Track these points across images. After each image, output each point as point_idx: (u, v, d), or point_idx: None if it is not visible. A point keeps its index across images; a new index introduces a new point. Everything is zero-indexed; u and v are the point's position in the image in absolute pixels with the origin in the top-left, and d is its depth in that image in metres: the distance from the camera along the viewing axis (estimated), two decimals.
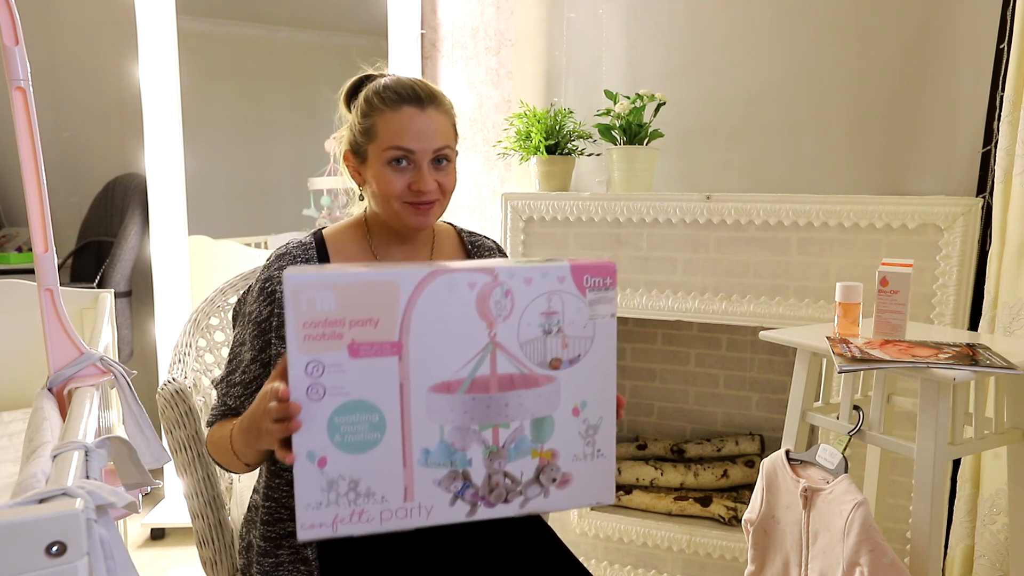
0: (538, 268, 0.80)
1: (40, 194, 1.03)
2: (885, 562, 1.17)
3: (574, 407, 0.83)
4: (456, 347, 0.79)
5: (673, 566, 2.01)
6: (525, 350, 0.81)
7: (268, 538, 1.05)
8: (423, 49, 2.42)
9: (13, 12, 0.97)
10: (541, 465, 0.83)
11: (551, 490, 0.84)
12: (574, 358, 0.82)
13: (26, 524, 0.56)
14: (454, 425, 0.79)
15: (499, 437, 0.81)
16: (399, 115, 1.04)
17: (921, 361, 1.18)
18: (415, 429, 0.79)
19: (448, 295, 0.77)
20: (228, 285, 1.43)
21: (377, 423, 0.78)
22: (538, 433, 0.82)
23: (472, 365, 0.79)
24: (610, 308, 0.83)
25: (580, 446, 0.84)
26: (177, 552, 2.29)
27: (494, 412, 0.80)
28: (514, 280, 0.79)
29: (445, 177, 1.07)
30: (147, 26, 2.33)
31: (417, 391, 0.78)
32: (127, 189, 2.71)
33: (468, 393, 0.79)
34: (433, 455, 0.80)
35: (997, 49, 1.73)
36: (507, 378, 0.80)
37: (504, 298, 0.79)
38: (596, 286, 0.82)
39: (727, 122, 2.04)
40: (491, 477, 0.81)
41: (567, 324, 0.81)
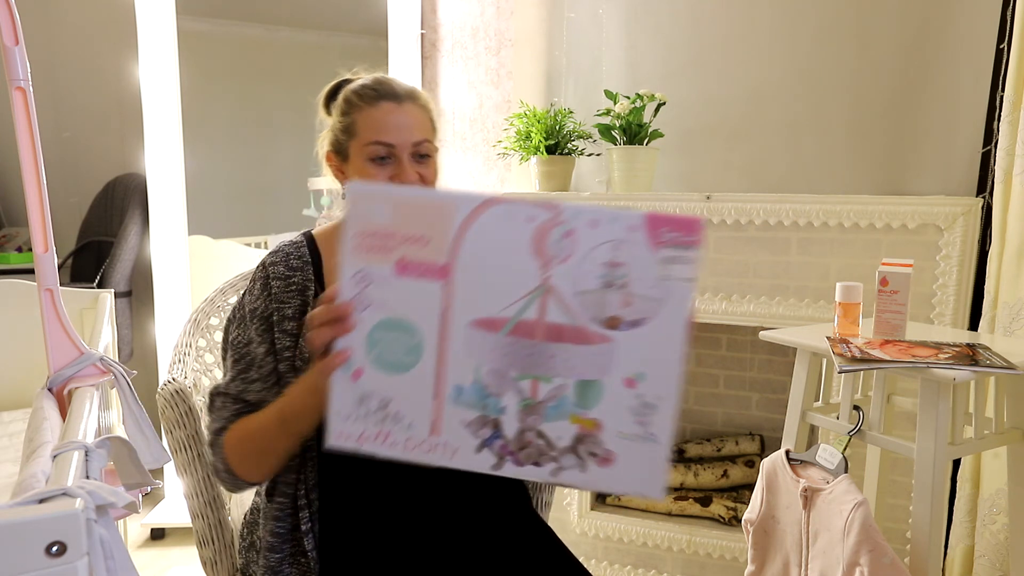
0: (608, 212, 0.72)
1: (40, 194, 1.03)
2: (885, 562, 1.17)
3: (629, 377, 0.74)
4: (504, 283, 0.74)
5: (673, 566, 2.01)
6: (580, 300, 0.73)
7: (277, 534, 1.06)
8: (423, 49, 2.42)
9: (13, 12, 0.97)
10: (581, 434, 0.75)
11: (589, 466, 0.76)
12: (636, 320, 0.73)
13: (26, 524, 0.56)
14: (491, 367, 0.75)
15: (538, 391, 0.75)
16: (377, 110, 1.07)
17: (921, 361, 1.18)
18: (451, 362, 0.76)
19: (504, 225, 0.73)
20: (228, 285, 1.43)
21: (414, 347, 0.77)
22: (582, 397, 0.75)
23: (519, 306, 0.74)
24: (687, 270, 0.72)
25: (630, 423, 0.75)
26: (177, 552, 2.29)
27: (536, 362, 0.75)
28: (578, 220, 0.72)
29: (426, 171, 1.09)
30: (147, 26, 2.33)
31: (458, 322, 0.76)
32: (127, 189, 2.71)
33: (510, 335, 0.74)
34: (466, 394, 0.76)
35: (997, 49, 1.73)
36: (556, 328, 0.74)
37: (564, 239, 0.73)
38: (673, 242, 0.71)
39: (727, 122, 2.04)
40: (523, 433, 0.76)
41: (633, 280, 0.72)
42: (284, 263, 1.09)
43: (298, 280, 1.08)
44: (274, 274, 1.08)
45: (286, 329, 1.05)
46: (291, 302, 1.06)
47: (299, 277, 1.08)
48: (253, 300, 1.09)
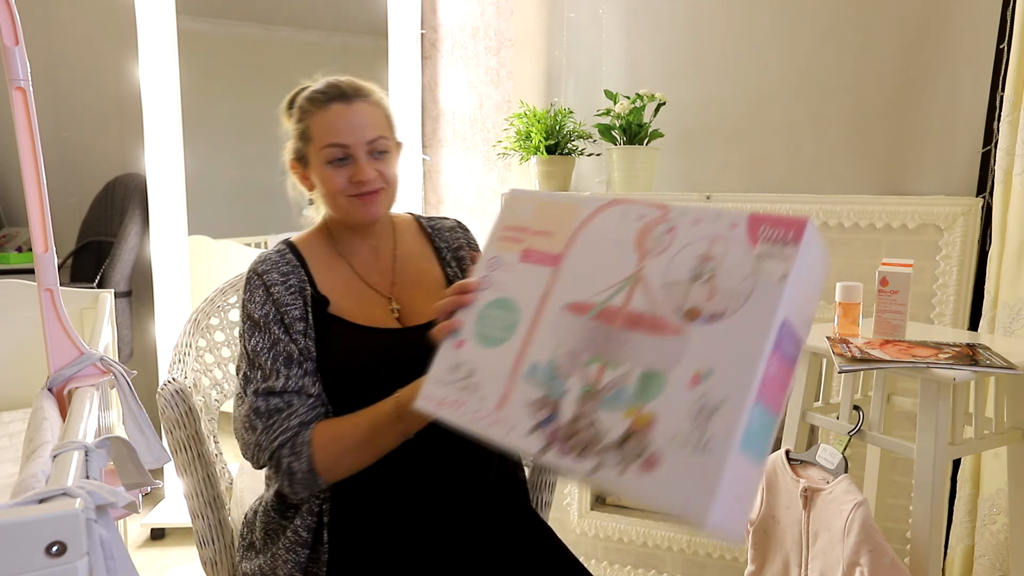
0: (714, 211, 0.73)
1: (40, 194, 1.03)
2: (885, 562, 1.17)
3: (696, 373, 0.67)
4: (604, 272, 0.78)
5: (673, 566, 2.01)
6: (665, 290, 0.72)
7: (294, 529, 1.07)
8: (423, 49, 2.42)
9: (13, 12, 0.97)
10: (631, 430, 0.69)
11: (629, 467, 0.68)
12: (717, 313, 0.68)
13: (26, 524, 0.56)
14: (569, 348, 0.76)
15: (602, 377, 0.72)
16: (328, 113, 1.09)
17: (921, 361, 1.18)
18: (536, 341, 0.80)
19: (617, 223, 0.80)
20: (228, 285, 1.43)
21: (511, 324, 0.82)
22: (644, 389, 0.70)
23: (609, 292, 0.76)
24: (782, 267, 0.66)
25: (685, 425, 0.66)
26: (177, 552, 2.29)
27: (608, 347, 0.73)
28: (683, 218, 0.75)
29: (385, 167, 1.10)
30: (147, 26, 2.33)
31: (554, 305, 0.80)
32: (127, 189, 2.71)
33: (594, 320, 0.76)
34: (538, 372, 0.78)
35: (997, 49, 1.73)
36: (636, 315, 0.73)
37: (667, 234, 0.75)
38: (772, 238, 0.68)
39: (727, 122, 2.04)
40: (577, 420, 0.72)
41: (722, 273, 0.69)
42: (276, 269, 1.10)
43: (294, 283, 1.09)
44: (270, 280, 1.09)
45: (299, 330, 1.07)
46: (295, 303, 1.08)
47: (294, 279, 1.09)
48: (260, 308, 1.08)
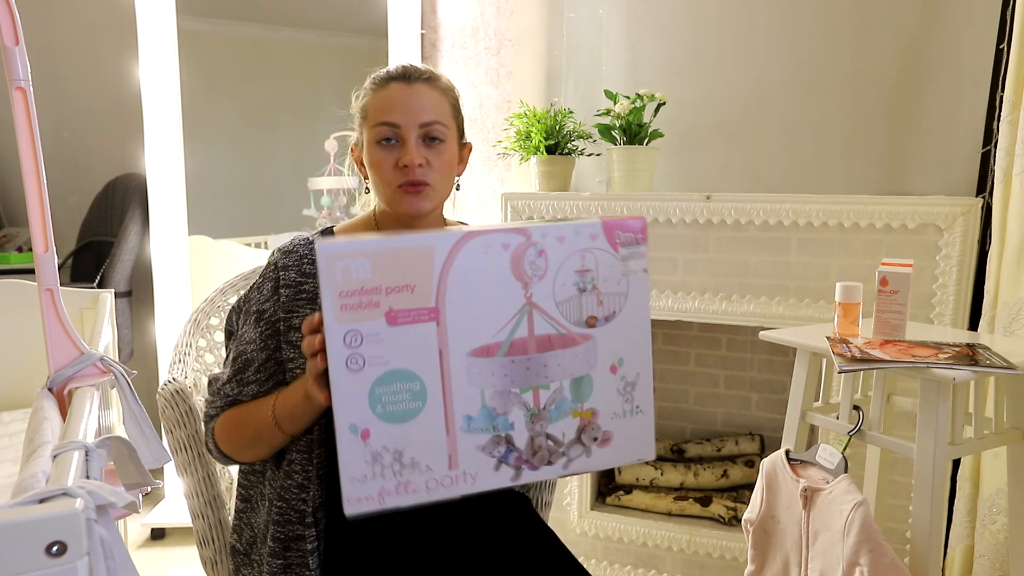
0: (570, 226, 0.79)
1: (40, 194, 1.03)
2: (885, 562, 1.17)
3: (611, 364, 0.82)
4: (493, 310, 0.78)
5: (673, 566, 2.01)
6: (561, 309, 0.80)
7: (277, 539, 1.05)
8: (423, 49, 2.42)
9: (13, 12, 0.97)
10: (582, 425, 0.82)
11: (593, 449, 0.83)
12: (609, 315, 0.81)
13: (26, 524, 0.56)
14: (495, 389, 0.79)
15: (540, 399, 0.80)
16: (386, 91, 1.05)
17: (921, 361, 1.18)
18: (456, 395, 0.78)
19: (483, 257, 0.77)
20: (228, 285, 1.43)
21: (418, 391, 0.77)
22: (578, 392, 0.82)
23: (510, 327, 0.78)
24: (642, 263, 0.82)
25: (619, 403, 0.83)
26: (177, 552, 2.29)
27: (533, 374, 0.80)
28: (547, 239, 0.78)
29: (436, 156, 1.05)
30: (147, 26, 2.33)
31: (456, 356, 0.77)
32: (127, 189, 2.71)
33: (507, 356, 0.78)
34: (476, 421, 0.79)
35: (997, 49, 1.73)
36: (545, 339, 0.80)
37: (538, 258, 0.78)
38: (628, 241, 0.81)
39: (727, 122, 2.04)
40: (534, 440, 0.81)
41: (601, 281, 0.80)
42: (296, 268, 1.06)
43: (309, 288, 1.05)
44: (285, 280, 1.05)
45: (291, 340, 1.03)
46: (300, 312, 1.04)
47: (310, 285, 1.05)
48: (262, 301, 1.07)
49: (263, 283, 1.07)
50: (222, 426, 1.06)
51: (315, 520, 1.04)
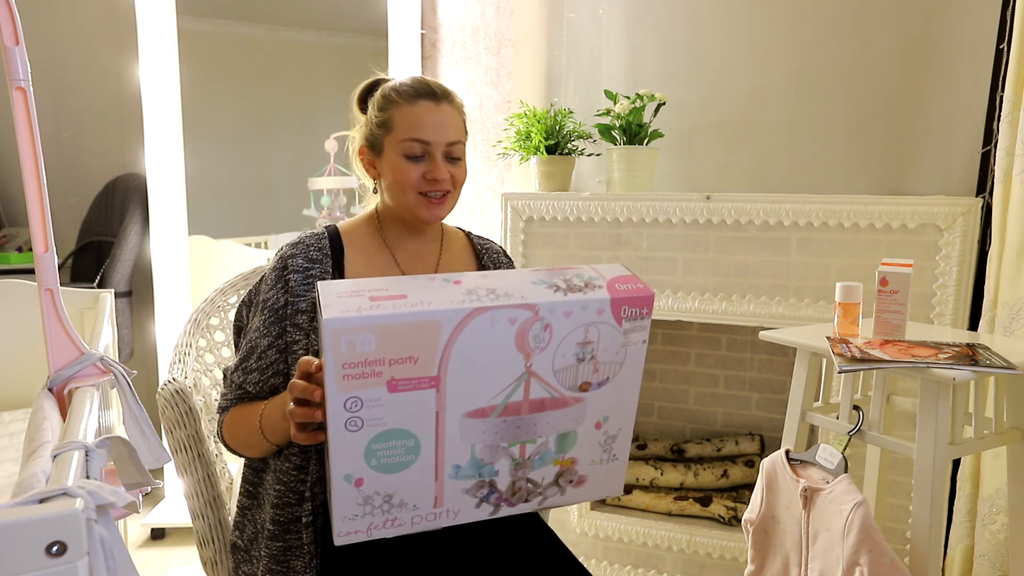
0: (579, 301, 0.79)
1: (40, 194, 1.03)
2: (885, 562, 1.17)
3: (597, 421, 0.85)
4: (493, 377, 0.79)
5: (673, 566, 2.01)
6: (558, 377, 0.81)
7: (277, 521, 1.06)
8: (423, 49, 2.42)
9: (13, 12, 0.97)
10: (561, 471, 0.86)
11: (567, 489, 0.88)
12: (603, 381, 0.83)
13: (26, 524, 0.56)
14: (485, 444, 0.81)
15: (525, 451, 0.83)
16: (416, 108, 1.09)
17: (921, 361, 1.18)
18: (448, 449, 0.80)
19: (489, 331, 0.76)
20: (228, 285, 1.43)
21: (412, 447, 0.79)
22: (561, 445, 0.85)
23: (506, 393, 0.80)
24: (643, 335, 0.83)
25: (598, 453, 0.87)
26: (177, 552, 2.29)
27: (523, 431, 0.82)
28: (554, 315, 0.78)
29: (457, 170, 1.12)
30: (147, 26, 2.33)
31: (452, 418, 0.79)
32: (127, 189, 2.71)
33: (501, 417, 0.81)
34: (464, 470, 0.82)
35: (997, 49, 1.73)
36: (538, 402, 0.82)
37: (543, 331, 0.78)
38: (632, 316, 0.82)
39: (727, 122, 2.04)
40: (515, 483, 0.85)
41: (600, 351, 0.82)
42: (304, 255, 1.10)
43: (316, 273, 1.09)
44: (293, 266, 1.09)
45: (298, 323, 1.07)
46: (307, 295, 1.08)
47: (317, 270, 1.10)
48: (267, 290, 1.10)
49: (269, 274, 1.12)
50: (228, 424, 1.11)
51: (312, 495, 1.05)
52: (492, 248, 1.28)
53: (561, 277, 0.82)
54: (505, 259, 1.29)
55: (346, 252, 1.13)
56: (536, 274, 0.83)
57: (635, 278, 0.84)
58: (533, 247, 2.06)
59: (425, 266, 1.19)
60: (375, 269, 1.14)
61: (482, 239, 1.29)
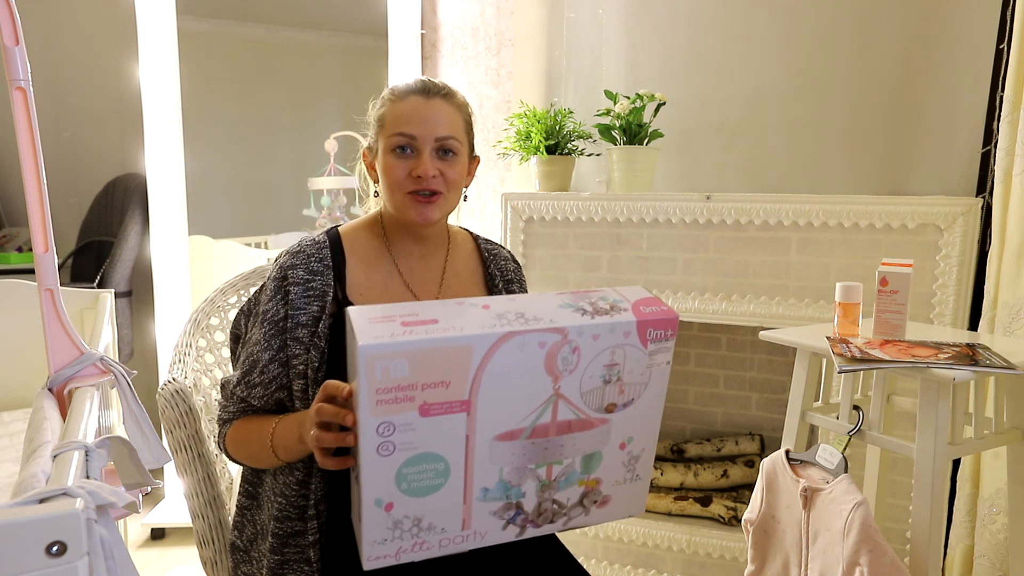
0: (606, 324, 0.80)
1: (40, 194, 1.03)
2: (885, 562, 1.17)
3: (622, 442, 0.87)
4: (522, 401, 0.80)
5: (673, 566, 2.01)
6: (585, 399, 0.83)
7: (277, 535, 1.05)
8: (423, 49, 2.42)
9: (13, 12, 0.97)
10: (586, 491, 0.88)
11: (592, 510, 0.89)
12: (628, 402, 0.85)
13: (26, 524, 0.56)
14: (513, 466, 0.82)
15: (552, 472, 0.85)
16: (405, 103, 1.08)
17: (921, 361, 1.18)
18: (477, 472, 0.81)
19: (519, 354, 0.77)
20: (228, 285, 1.43)
21: (442, 470, 0.80)
22: (587, 466, 0.86)
23: (535, 415, 0.81)
24: (667, 356, 0.85)
25: (622, 473, 0.89)
26: (177, 552, 2.29)
27: (550, 453, 0.83)
28: (583, 338, 0.79)
29: (449, 168, 1.08)
30: (147, 26, 2.33)
31: (482, 441, 0.80)
32: (127, 189, 2.71)
33: (529, 439, 0.82)
34: (492, 492, 0.83)
35: (997, 49, 1.73)
36: (565, 423, 0.83)
37: (571, 354, 0.80)
38: (658, 338, 0.83)
39: (727, 122, 2.04)
40: (541, 504, 0.85)
41: (627, 373, 0.83)
42: (304, 266, 1.07)
43: (317, 286, 1.06)
44: (293, 278, 1.06)
45: (298, 337, 1.04)
46: (307, 309, 1.05)
47: (318, 282, 1.06)
48: (267, 301, 1.07)
49: (269, 284, 1.09)
50: (232, 436, 1.09)
51: (316, 513, 1.04)
52: (500, 254, 1.24)
53: (587, 300, 0.84)
54: (513, 265, 1.25)
55: (347, 261, 1.10)
56: (562, 297, 0.84)
57: (658, 300, 0.85)
58: (533, 247, 2.06)
59: (429, 274, 1.16)
60: (377, 279, 1.12)
61: (490, 244, 1.25)
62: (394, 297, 1.11)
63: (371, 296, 1.10)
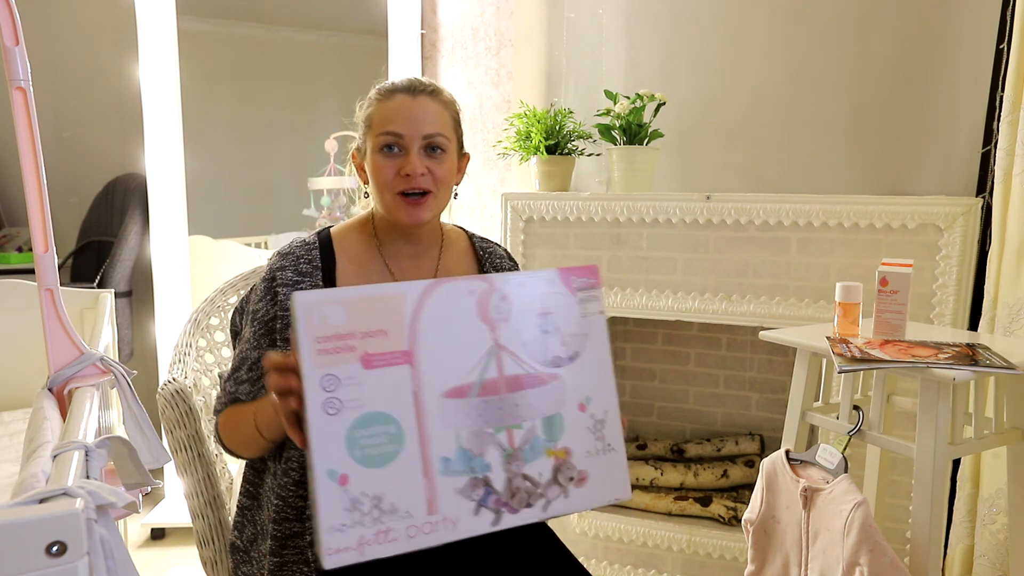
0: (530, 273, 0.87)
1: (40, 194, 1.03)
2: (885, 562, 1.17)
3: (580, 403, 0.87)
4: (463, 352, 0.82)
5: (673, 566, 2.01)
6: (527, 350, 0.85)
7: (275, 537, 1.05)
8: (423, 49, 2.42)
9: (13, 12, 0.97)
10: (557, 464, 0.85)
11: (570, 489, 0.86)
12: (573, 355, 0.87)
13: (26, 524, 0.56)
14: (470, 430, 0.81)
15: (514, 439, 0.83)
16: (391, 102, 1.08)
17: (921, 361, 1.18)
18: (433, 437, 0.80)
19: (451, 301, 0.81)
20: (228, 285, 1.43)
21: (395, 434, 0.78)
22: (550, 431, 0.85)
23: (480, 368, 0.82)
24: (598, 306, 0.88)
25: (591, 441, 0.87)
26: (177, 552, 2.29)
27: (506, 413, 0.83)
28: (509, 285, 0.85)
29: (438, 166, 1.08)
30: (147, 26, 2.33)
31: (431, 398, 0.80)
32: (127, 189, 2.71)
33: (480, 396, 0.82)
34: (453, 463, 0.81)
35: (997, 49, 1.73)
36: (514, 379, 0.84)
37: (502, 302, 0.84)
38: (583, 286, 0.88)
39: (727, 122, 2.04)
40: (511, 481, 0.83)
41: (562, 323, 0.86)
42: (293, 268, 1.08)
43: (306, 287, 1.07)
44: (281, 280, 1.07)
45: (287, 338, 1.05)
46: None
47: (307, 284, 1.07)
48: (256, 301, 1.09)
49: (259, 284, 1.10)
50: (223, 424, 1.10)
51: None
52: (495, 252, 1.24)
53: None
54: (509, 263, 1.24)
55: (338, 261, 1.10)
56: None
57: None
58: (533, 247, 2.06)
59: (421, 274, 1.15)
60: (367, 280, 1.11)
61: (485, 241, 1.25)
62: None
63: None
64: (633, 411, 2.41)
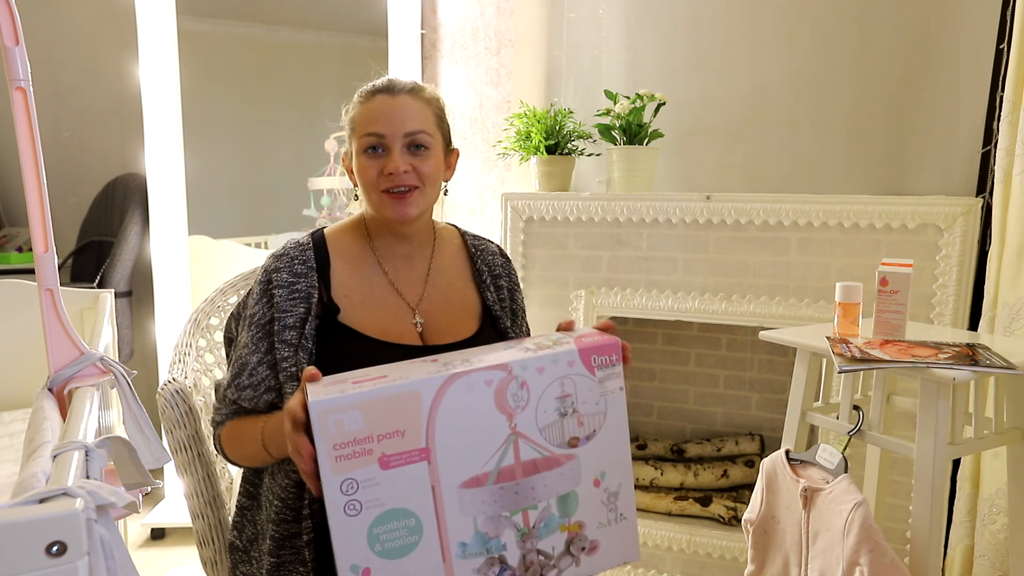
0: (548, 356, 0.83)
1: (40, 194, 1.03)
2: (885, 562, 1.17)
3: (595, 479, 0.86)
4: (480, 443, 0.81)
5: (673, 566, 2.01)
6: (545, 435, 0.83)
7: (273, 538, 1.05)
8: (423, 49, 2.42)
9: (13, 12, 0.97)
10: (570, 537, 0.86)
11: (581, 558, 0.87)
12: (590, 434, 0.85)
13: (26, 524, 0.56)
14: (486, 515, 0.82)
15: (529, 519, 0.83)
16: (371, 103, 1.09)
17: (921, 361, 1.18)
18: (450, 525, 0.80)
19: (468, 396, 0.79)
20: (228, 285, 1.43)
21: (414, 526, 0.79)
22: (564, 508, 0.85)
23: (497, 457, 0.81)
24: (618, 382, 0.86)
25: (604, 513, 0.87)
26: (177, 552, 2.29)
27: (522, 497, 0.83)
28: (527, 372, 0.82)
29: (422, 163, 1.08)
30: (147, 26, 2.33)
31: (448, 490, 0.80)
32: (127, 189, 2.71)
33: (496, 484, 0.81)
34: (470, 547, 0.81)
35: (997, 49, 1.73)
36: (531, 463, 0.83)
37: (520, 390, 0.81)
38: (603, 364, 0.85)
39: (727, 122, 2.04)
40: (525, 557, 0.84)
41: (580, 404, 0.84)
42: (288, 269, 1.08)
43: (302, 288, 1.07)
44: (277, 281, 1.07)
45: (286, 339, 1.05)
46: (293, 311, 1.06)
47: (303, 284, 1.07)
48: (253, 304, 1.08)
49: (255, 287, 1.10)
50: (226, 436, 1.09)
51: (311, 512, 1.04)
52: (487, 249, 1.24)
53: (532, 341, 0.87)
54: (501, 259, 1.24)
55: (332, 262, 1.11)
56: (509, 343, 0.89)
57: (600, 333, 0.87)
58: (533, 247, 2.06)
59: (414, 273, 1.16)
60: (361, 279, 1.12)
61: (477, 239, 1.25)
62: (379, 296, 1.12)
63: (356, 296, 1.10)
64: (633, 411, 2.41)
